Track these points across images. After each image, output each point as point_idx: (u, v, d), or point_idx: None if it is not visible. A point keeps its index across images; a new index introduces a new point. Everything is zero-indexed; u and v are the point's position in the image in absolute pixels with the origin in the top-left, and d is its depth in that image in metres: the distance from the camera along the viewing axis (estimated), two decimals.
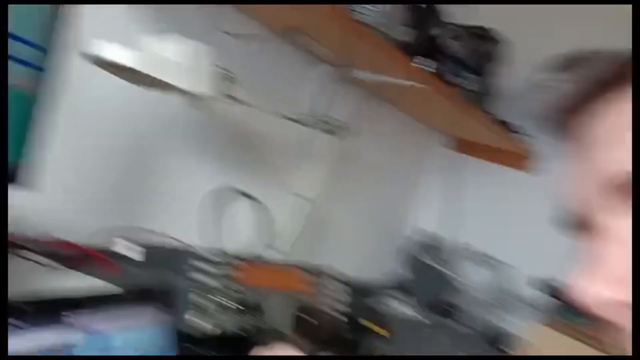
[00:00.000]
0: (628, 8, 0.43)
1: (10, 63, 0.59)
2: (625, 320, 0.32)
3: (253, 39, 1.08)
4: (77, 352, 0.48)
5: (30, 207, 0.94)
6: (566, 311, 1.15)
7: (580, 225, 0.37)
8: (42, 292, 0.48)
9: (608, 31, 0.86)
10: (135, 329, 0.53)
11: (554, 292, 1.26)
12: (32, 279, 0.76)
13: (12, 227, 0.91)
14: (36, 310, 0.45)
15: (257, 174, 1.36)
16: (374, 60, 1.09)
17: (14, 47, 0.59)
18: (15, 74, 0.60)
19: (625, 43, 0.36)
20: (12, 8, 0.57)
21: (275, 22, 1.13)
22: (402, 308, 1.28)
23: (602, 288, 0.33)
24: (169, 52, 0.82)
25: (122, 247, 0.71)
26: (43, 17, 0.62)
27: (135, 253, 0.69)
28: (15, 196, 0.88)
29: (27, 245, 0.85)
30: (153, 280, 0.61)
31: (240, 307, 0.63)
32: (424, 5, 1.17)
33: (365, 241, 1.73)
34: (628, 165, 0.32)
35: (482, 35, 1.40)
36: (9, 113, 0.61)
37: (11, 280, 0.71)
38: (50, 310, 0.46)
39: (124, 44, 0.81)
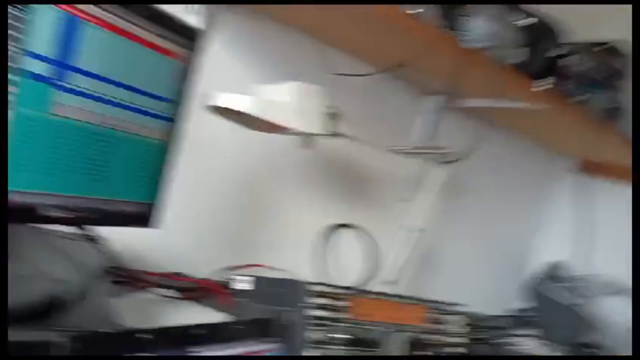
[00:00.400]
0: None
1: (145, 117, 0.67)
2: None
3: (361, 76, 1.10)
4: None
5: (155, 244, 1.04)
6: None
7: None
8: (165, 324, 0.51)
9: None
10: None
11: None
12: (156, 311, 0.83)
13: (139, 263, 1.02)
14: (158, 341, 0.48)
15: (367, 209, 1.37)
16: (489, 86, 1.04)
17: (148, 103, 0.67)
18: (149, 127, 0.68)
19: None
20: (143, 67, 0.65)
21: (381, 59, 1.14)
22: (527, 346, 1.18)
23: None
24: (279, 95, 0.87)
25: (239, 281, 0.75)
26: (173, 74, 0.69)
27: (251, 286, 0.72)
28: (144, 235, 0.97)
29: (151, 280, 0.93)
30: (269, 313, 0.63)
31: (355, 341, 0.62)
32: (536, 22, 1.11)
33: (483, 274, 1.64)
34: None
35: (606, 50, 1.28)
36: (144, 160, 0.69)
37: (137, 312, 0.79)
38: (172, 340, 0.49)
39: (239, 91, 0.88)
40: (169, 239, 1.06)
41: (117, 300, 0.80)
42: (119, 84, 0.62)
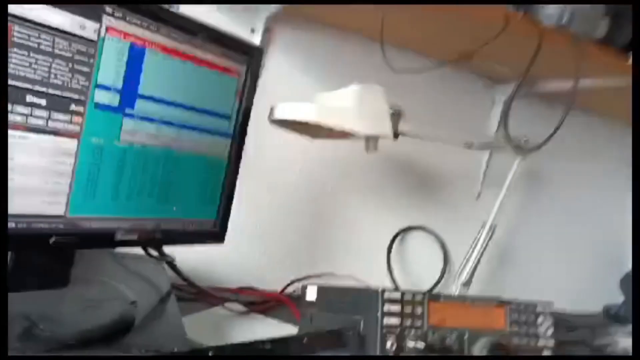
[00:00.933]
0: None
1: (208, 136, 0.68)
2: None
3: (424, 71, 1.07)
4: None
5: (224, 260, 1.06)
6: None
7: None
8: (235, 338, 0.51)
9: None
10: None
11: None
12: (225, 326, 0.84)
13: (210, 280, 1.04)
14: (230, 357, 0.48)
15: (438, 208, 1.32)
16: (569, 65, 0.94)
17: (211, 122, 0.69)
18: (213, 144, 0.69)
19: None
20: (205, 87, 0.66)
21: (443, 51, 1.10)
22: (625, 343, 1.08)
23: None
24: (341, 101, 0.86)
25: (307, 291, 0.74)
26: (233, 90, 0.71)
27: (318, 296, 0.72)
28: (214, 251, 0.99)
29: (223, 296, 0.94)
30: (338, 323, 0.62)
31: (432, 349, 0.59)
32: None
33: (573, 269, 1.53)
34: None
35: None
36: (210, 177, 0.71)
37: (207, 328, 0.80)
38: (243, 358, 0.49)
39: (301, 101, 0.88)
40: (239, 255, 1.08)
41: (189, 316, 0.82)
42: (182, 106, 0.63)
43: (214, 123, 0.69)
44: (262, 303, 0.98)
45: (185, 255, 1.01)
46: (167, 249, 0.77)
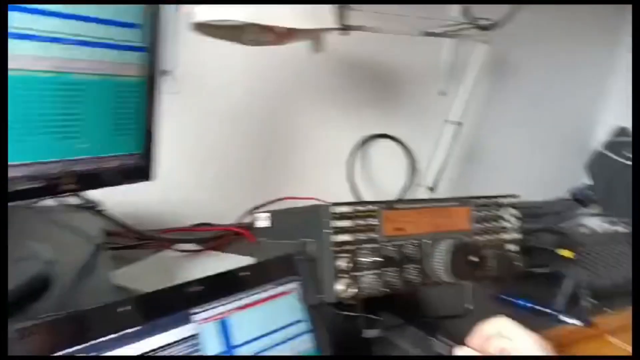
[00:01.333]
0: None
1: (109, 52, 0.57)
2: None
3: None
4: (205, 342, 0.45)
5: (170, 199, 0.96)
6: None
7: None
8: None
9: None
10: (275, 303, 0.49)
11: None
12: (177, 268, 0.78)
13: (160, 223, 0.96)
14: (153, 307, 0.42)
15: (401, 111, 1.24)
16: None
17: (117, 34, 0.57)
18: (124, 63, 0.58)
19: None
20: None
21: None
22: (592, 223, 1.07)
23: None
24: None
25: (258, 219, 0.68)
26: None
27: (270, 222, 0.65)
28: (156, 192, 0.90)
29: (175, 237, 0.88)
30: (290, 248, 0.56)
31: (389, 262, 0.54)
32: None
33: (541, 158, 1.50)
34: None
35: None
36: (126, 105, 0.60)
37: (158, 274, 0.73)
38: (170, 304, 0.43)
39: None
40: (186, 191, 1.00)
41: (134, 265, 0.76)
42: (74, 17, 0.52)
43: (119, 35, 0.57)
44: (217, 238, 0.92)
45: (128, 198, 0.93)
46: (93, 195, 0.68)
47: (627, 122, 1.37)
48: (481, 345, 0.51)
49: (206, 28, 0.72)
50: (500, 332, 0.50)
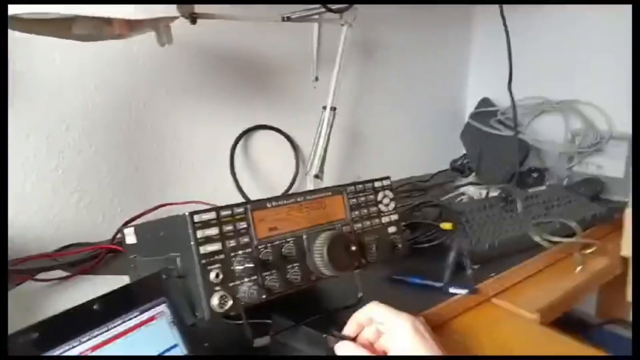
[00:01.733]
0: None
1: None
2: None
3: None
4: None
5: (29, 225, 0.87)
6: None
7: None
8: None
9: None
10: (142, 332, 0.43)
11: None
12: (40, 301, 0.69)
13: (24, 250, 0.84)
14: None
15: (277, 102, 1.21)
16: None
17: None
18: None
19: None
20: None
21: None
22: (470, 191, 1.13)
23: None
24: None
25: (128, 235, 0.61)
26: None
27: (141, 238, 0.59)
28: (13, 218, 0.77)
29: (40, 265, 0.77)
30: (165, 264, 0.50)
31: (263, 266, 0.51)
32: None
33: (420, 135, 1.55)
34: None
35: None
36: None
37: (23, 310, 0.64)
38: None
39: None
40: (48, 212, 0.89)
41: None
42: None
43: None
44: (89, 259, 0.82)
45: None
46: None
47: (488, 94, 1.47)
48: (357, 333, 0.52)
49: (25, 23, 0.62)
50: (371, 317, 0.51)
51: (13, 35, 0.65)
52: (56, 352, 0.38)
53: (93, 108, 0.93)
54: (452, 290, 0.71)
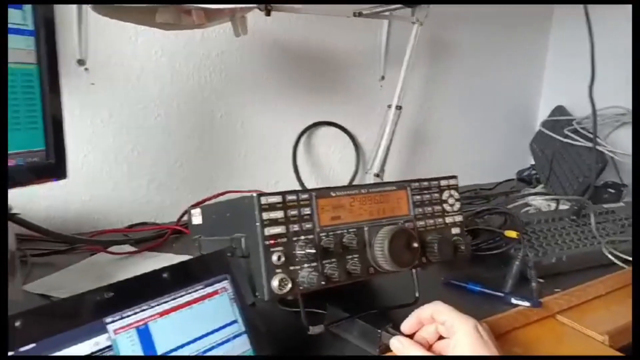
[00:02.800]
0: None
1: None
2: None
3: None
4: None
5: (103, 201, 0.92)
6: None
7: None
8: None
9: None
10: (204, 305, 0.45)
11: None
12: (109, 272, 0.73)
13: (77, 225, 0.89)
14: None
15: (343, 99, 1.21)
16: None
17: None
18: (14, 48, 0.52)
19: None
20: None
21: None
22: (536, 202, 1.08)
23: None
24: None
25: (195, 215, 0.63)
26: None
27: (207, 219, 0.61)
28: (72, 191, 0.83)
29: (110, 239, 0.83)
30: (227, 244, 0.52)
31: (324, 254, 0.51)
32: None
33: (487, 140, 1.51)
34: None
35: None
36: (26, 95, 0.54)
37: (90, 280, 0.68)
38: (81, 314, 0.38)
39: None
40: (119, 191, 0.94)
41: (63, 271, 0.70)
42: None
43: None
44: (155, 238, 0.86)
45: (51, 202, 0.87)
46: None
47: (563, 101, 1.40)
48: (415, 330, 0.51)
49: (111, 10, 0.66)
50: (434, 316, 0.50)
51: (99, 22, 0.69)
52: (127, 313, 0.40)
53: (168, 97, 0.97)
54: (514, 300, 0.68)
